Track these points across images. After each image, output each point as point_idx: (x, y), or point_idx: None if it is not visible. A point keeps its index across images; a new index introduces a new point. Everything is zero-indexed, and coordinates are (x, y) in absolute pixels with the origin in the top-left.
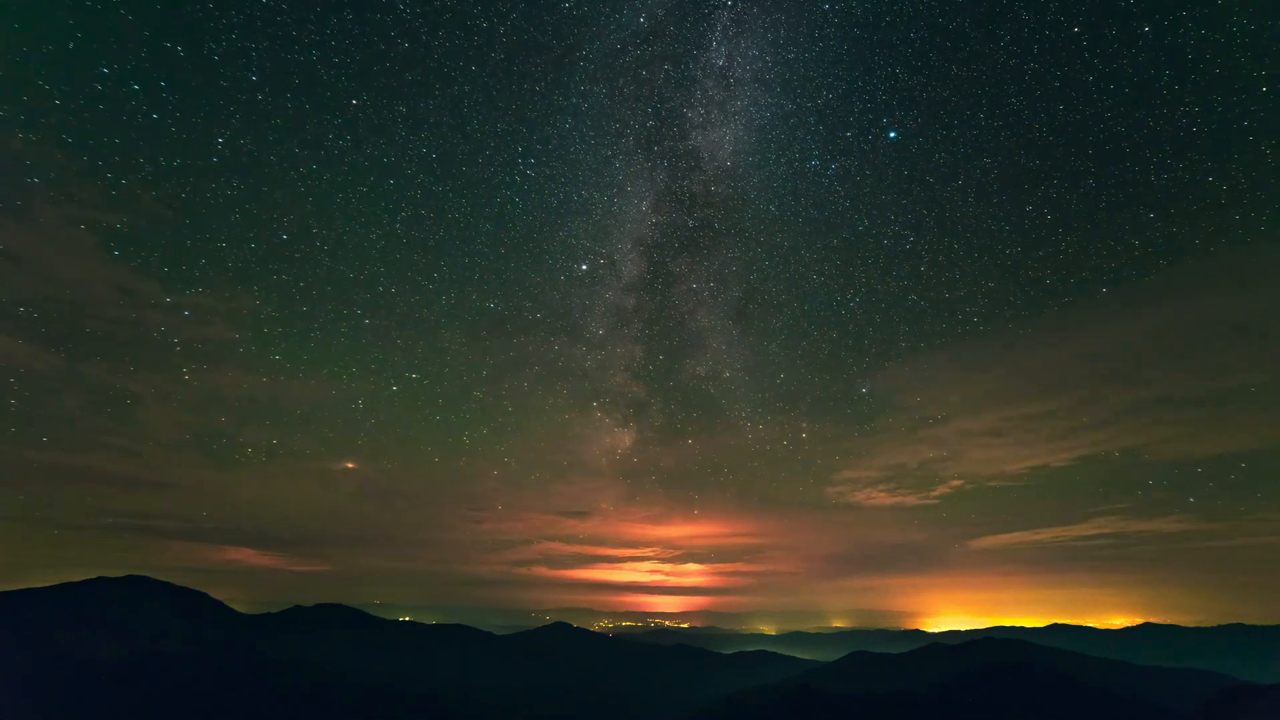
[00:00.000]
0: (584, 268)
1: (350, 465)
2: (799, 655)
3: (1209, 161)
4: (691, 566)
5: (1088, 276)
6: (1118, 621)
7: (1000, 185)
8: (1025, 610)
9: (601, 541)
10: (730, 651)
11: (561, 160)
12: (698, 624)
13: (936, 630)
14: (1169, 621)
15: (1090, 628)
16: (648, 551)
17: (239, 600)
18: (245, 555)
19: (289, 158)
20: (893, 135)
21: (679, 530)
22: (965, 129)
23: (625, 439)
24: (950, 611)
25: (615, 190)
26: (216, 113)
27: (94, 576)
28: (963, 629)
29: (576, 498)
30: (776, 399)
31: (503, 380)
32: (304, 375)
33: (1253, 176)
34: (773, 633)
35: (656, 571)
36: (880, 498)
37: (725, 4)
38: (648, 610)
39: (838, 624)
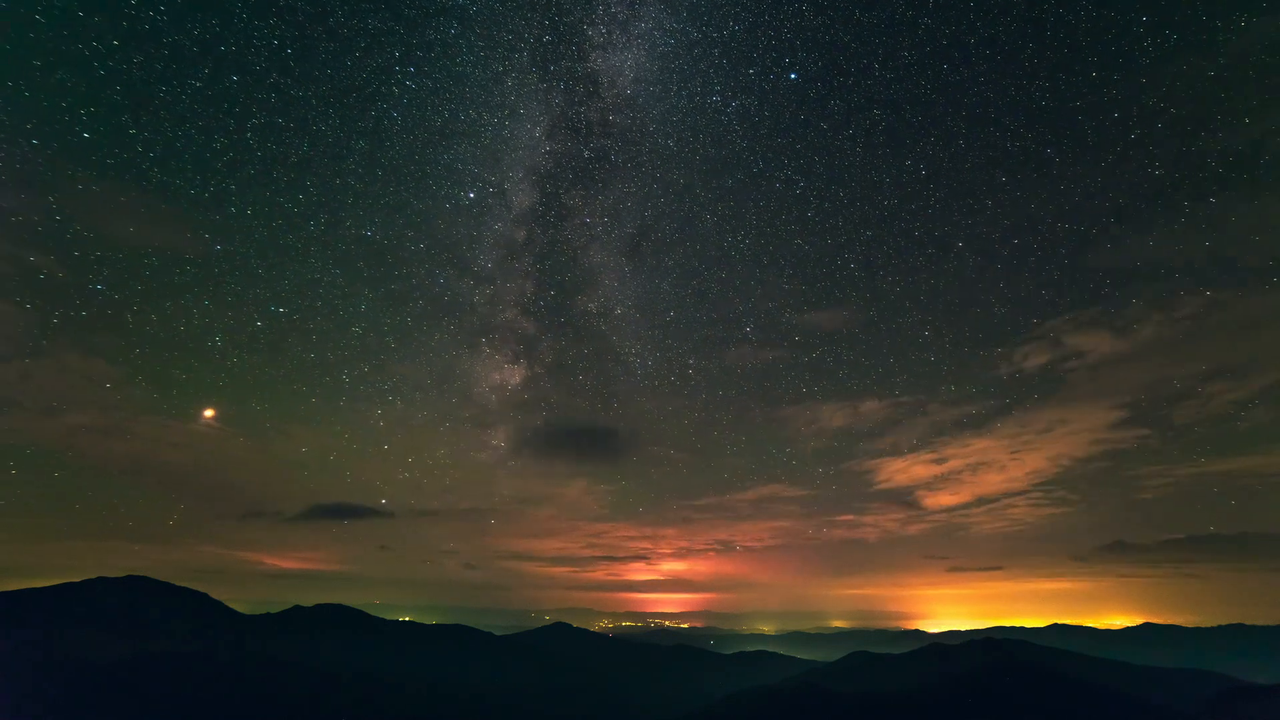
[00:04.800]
0: (471, 196)
1: (210, 413)
2: (799, 655)
3: (1049, 134)
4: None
5: (949, 231)
6: (1118, 621)
7: (886, 138)
8: (1025, 610)
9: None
10: (730, 651)
11: (446, 73)
12: (698, 624)
13: (936, 630)
14: (1169, 621)
15: (1090, 628)
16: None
17: (239, 600)
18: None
19: (79, 27)
20: (793, 77)
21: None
22: (860, 78)
23: (515, 375)
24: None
25: (507, 112)
26: None
27: (94, 577)
28: (963, 629)
29: (467, 437)
30: (666, 336)
31: (384, 314)
32: (140, 309)
33: (1076, 151)
34: (773, 633)
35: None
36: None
37: None
38: (648, 610)
39: (838, 624)
